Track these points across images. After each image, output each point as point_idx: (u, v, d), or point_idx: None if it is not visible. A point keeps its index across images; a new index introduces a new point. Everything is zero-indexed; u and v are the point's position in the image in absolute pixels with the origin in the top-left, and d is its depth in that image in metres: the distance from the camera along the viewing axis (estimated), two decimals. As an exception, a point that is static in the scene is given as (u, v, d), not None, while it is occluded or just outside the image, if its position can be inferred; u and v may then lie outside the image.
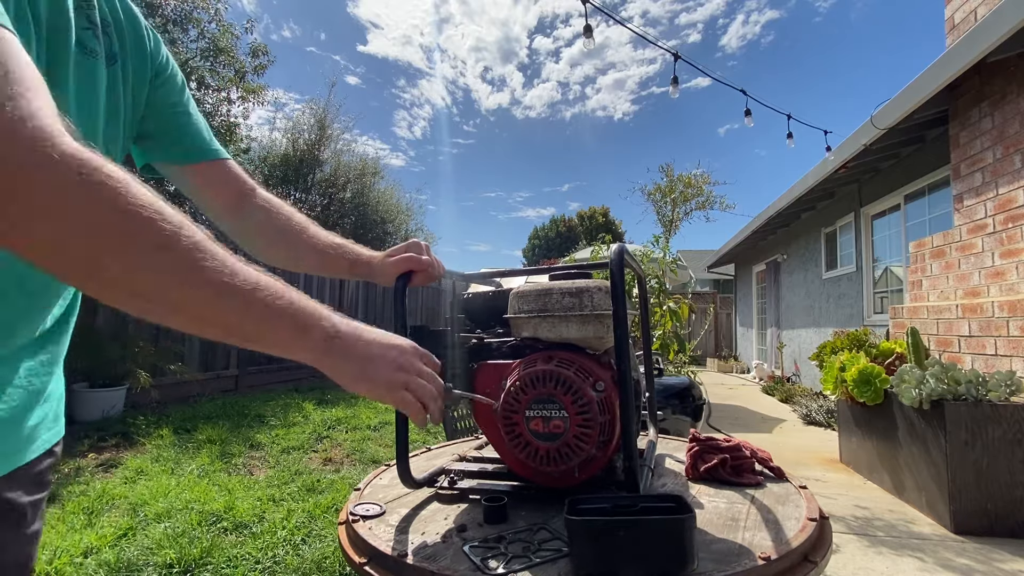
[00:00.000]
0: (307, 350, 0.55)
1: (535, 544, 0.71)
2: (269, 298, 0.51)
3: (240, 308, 0.48)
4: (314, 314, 0.56)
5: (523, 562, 0.67)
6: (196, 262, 0.45)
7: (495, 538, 0.74)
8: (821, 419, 5.08)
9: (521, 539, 0.73)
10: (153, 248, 0.42)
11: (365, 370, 0.60)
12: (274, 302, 0.51)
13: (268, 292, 0.51)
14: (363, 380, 0.60)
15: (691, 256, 21.13)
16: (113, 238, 0.40)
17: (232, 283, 0.47)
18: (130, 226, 0.41)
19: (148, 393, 4.81)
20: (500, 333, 1.00)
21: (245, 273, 0.49)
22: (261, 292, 0.50)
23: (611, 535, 0.61)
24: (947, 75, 3.43)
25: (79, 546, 2.18)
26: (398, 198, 12.18)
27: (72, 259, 0.40)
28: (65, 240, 0.39)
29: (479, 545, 0.72)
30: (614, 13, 4.14)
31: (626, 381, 0.76)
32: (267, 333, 0.52)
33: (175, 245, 0.43)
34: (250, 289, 0.49)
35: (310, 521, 2.50)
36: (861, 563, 2.14)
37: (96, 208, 0.39)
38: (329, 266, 0.92)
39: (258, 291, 0.50)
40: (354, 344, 0.59)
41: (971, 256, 3.46)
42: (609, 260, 0.80)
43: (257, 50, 7.40)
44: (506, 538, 0.74)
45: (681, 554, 0.61)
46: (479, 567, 0.65)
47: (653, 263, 5.18)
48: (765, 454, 1.07)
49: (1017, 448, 2.40)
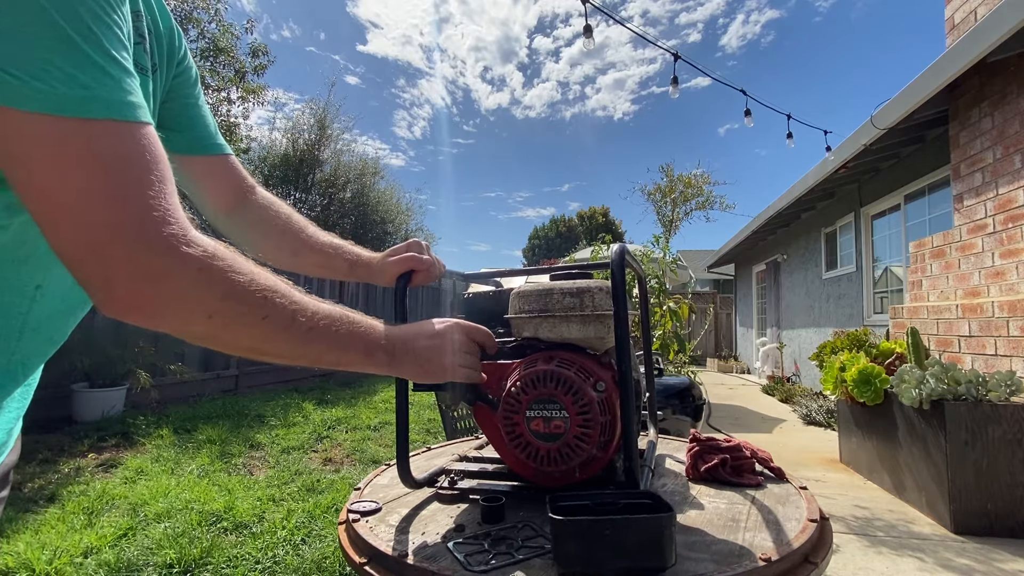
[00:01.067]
0: (375, 366, 0.64)
1: (519, 541, 0.72)
2: (342, 330, 0.59)
3: (323, 348, 0.57)
4: (375, 333, 0.64)
5: (505, 559, 0.68)
6: (291, 320, 0.53)
7: (480, 535, 0.74)
8: (821, 419, 5.08)
9: (505, 536, 0.74)
10: (258, 320, 0.50)
11: (423, 367, 0.71)
12: (348, 333, 0.60)
13: (340, 324, 0.59)
14: (425, 375, 0.72)
15: (691, 256, 21.13)
16: (226, 319, 0.47)
17: (317, 326, 0.56)
18: (240, 307, 0.48)
19: (148, 393, 4.81)
20: (500, 333, 1.00)
21: (322, 314, 0.57)
22: (335, 326, 0.58)
23: (593, 534, 0.61)
24: (947, 75, 3.43)
25: (79, 546, 2.18)
26: (398, 198, 12.16)
27: (195, 335, 0.48)
28: (189, 323, 0.46)
29: (463, 542, 0.72)
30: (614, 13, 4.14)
31: (627, 381, 0.75)
32: (344, 360, 0.61)
33: (273, 310, 0.51)
34: (326, 331, 0.57)
35: (310, 521, 2.50)
36: (861, 563, 2.14)
37: (211, 298, 0.46)
38: (328, 266, 0.92)
39: (333, 326, 0.58)
40: (409, 351, 0.69)
41: (971, 256, 3.46)
42: (610, 260, 0.80)
43: (257, 50, 7.40)
44: (491, 535, 0.74)
45: (661, 551, 0.62)
46: (462, 563, 0.66)
47: (653, 263, 5.18)
48: (765, 454, 1.07)
49: (1017, 448, 2.40)
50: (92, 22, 0.41)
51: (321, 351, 0.57)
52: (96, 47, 0.41)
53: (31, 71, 0.38)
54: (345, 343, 0.60)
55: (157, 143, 0.44)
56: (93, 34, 0.41)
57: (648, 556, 0.62)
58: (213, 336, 0.48)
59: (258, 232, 0.88)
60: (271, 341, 0.52)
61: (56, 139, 0.39)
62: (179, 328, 0.46)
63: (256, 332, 0.50)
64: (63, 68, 0.39)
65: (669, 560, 0.62)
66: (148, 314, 0.44)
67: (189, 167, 0.80)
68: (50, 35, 0.38)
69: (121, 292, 0.42)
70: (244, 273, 0.48)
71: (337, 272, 0.92)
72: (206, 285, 0.45)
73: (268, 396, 5.99)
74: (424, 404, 5.42)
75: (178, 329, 0.46)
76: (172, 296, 0.43)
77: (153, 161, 0.43)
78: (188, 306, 0.45)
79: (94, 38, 0.41)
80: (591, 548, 0.61)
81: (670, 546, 0.62)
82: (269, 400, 5.69)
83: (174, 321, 0.46)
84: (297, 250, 0.90)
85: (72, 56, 0.39)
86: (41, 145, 0.39)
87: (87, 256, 0.41)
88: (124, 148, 0.41)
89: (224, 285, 0.46)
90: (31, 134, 0.38)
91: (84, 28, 0.40)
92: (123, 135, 0.42)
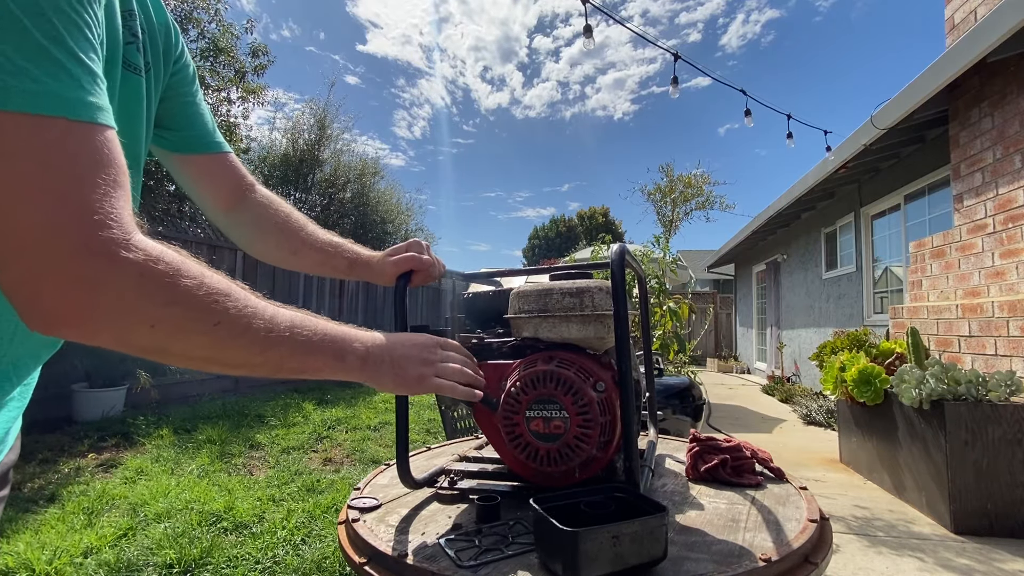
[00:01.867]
0: (345, 372, 0.61)
1: (509, 538, 0.73)
2: (306, 335, 0.56)
3: (285, 353, 0.53)
4: (346, 339, 0.61)
5: (495, 554, 0.68)
6: (246, 326, 0.49)
7: (472, 533, 0.75)
8: (821, 419, 5.08)
9: (496, 533, 0.75)
10: (209, 327, 0.46)
11: (397, 375, 0.67)
12: (311, 338, 0.56)
13: (304, 330, 0.56)
14: (398, 384, 0.67)
15: (691, 256, 21.12)
16: (172, 328, 0.44)
17: (276, 334, 0.52)
18: (187, 314, 0.44)
19: (148, 393, 4.81)
20: (500, 333, 1.00)
21: (281, 318, 0.53)
22: (298, 332, 0.55)
23: (597, 542, 0.60)
24: (947, 75, 3.43)
25: (79, 546, 2.18)
26: (398, 198, 12.14)
27: (140, 348, 0.44)
28: (128, 334, 0.42)
29: (455, 539, 0.73)
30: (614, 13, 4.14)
31: (627, 381, 0.75)
32: (309, 366, 0.57)
33: (225, 316, 0.47)
34: (289, 335, 0.54)
35: (310, 521, 2.50)
36: (861, 563, 2.14)
37: (152, 305, 0.42)
38: (328, 265, 0.92)
39: (295, 332, 0.54)
40: (383, 357, 0.66)
41: (971, 256, 3.46)
42: (610, 260, 0.80)
43: (257, 50, 7.40)
44: (482, 531, 0.75)
45: (649, 551, 0.63)
46: (453, 560, 0.67)
47: (653, 263, 5.18)
48: (765, 454, 1.07)
49: (1017, 448, 2.40)
50: (55, 17, 0.38)
51: (283, 357, 0.53)
52: (56, 43, 0.38)
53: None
54: (310, 348, 0.56)
55: (115, 148, 0.42)
56: (55, 29, 0.38)
57: (638, 555, 0.62)
58: (161, 348, 0.44)
59: (258, 230, 0.88)
60: (227, 349, 0.48)
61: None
62: (120, 340, 0.42)
63: (208, 340, 0.46)
64: (13, 60, 0.36)
65: (662, 558, 0.64)
66: (81, 326, 0.39)
67: (188, 165, 0.80)
68: (6, 27, 0.36)
69: (49, 301, 0.38)
70: (192, 277, 0.44)
71: (337, 270, 0.92)
72: (146, 291, 0.41)
73: (268, 396, 5.99)
74: (424, 404, 5.42)
75: (119, 341, 0.42)
76: (107, 305, 0.39)
77: (104, 164, 0.40)
78: (126, 315, 0.41)
79: (55, 34, 0.38)
80: (602, 554, 0.60)
81: (663, 545, 0.63)
82: (269, 400, 5.69)
83: (112, 333, 0.41)
84: (297, 248, 0.90)
85: (26, 49, 0.37)
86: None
87: (12, 259, 0.37)
88: (72, 148, 0.38)
89: (168, 291, 0.42)
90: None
91: (44, 22, 0.38)
92: (74, 134, 0.39)
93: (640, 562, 0.62)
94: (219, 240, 6.39)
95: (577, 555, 0.58)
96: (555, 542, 0.61)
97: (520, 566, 0.66)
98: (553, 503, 0.68)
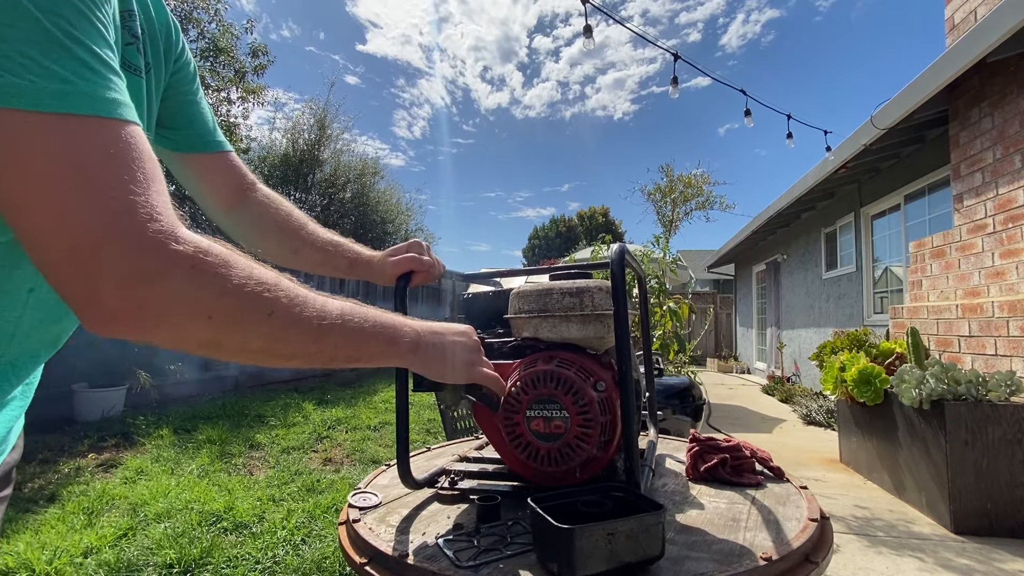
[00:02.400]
0: (398, 357, 0.62)
1: (508, 538, 0.73)
2: (357, 322, 0.56)
3: (340, 340, 0.53)
4: (396, 325, 0.62)
5: (494, 554, 0.68)
6: (298, 315, 0.49)
7: (471, 533, 0.75)
8: (821, 419, 5.08)
9: (495, 533, 0.75)
10: (264, 316, 0.46)
11: (447, 362, 0.68)
12: (362, 325, 0.57)
13: (355, 317, 0.56)
14: (448, 371, 0.69)
15: (691, 256, 21.13)
16: (229, 319, 0.43)
17: (329, 322, 0.52)
18: (241, 303, 0.44)
19: (148, 393, 4.81)
20: (500, 333, 1.00)
21: (332, 306, 0.53)
22: (349, 319, 0.55)
23: (592, 539, 0.60)
24: (947, 75, 3.43)
25: (79, 546, 2.18)
26: (398, 198, 12.15)
27: (200, 342, 0.44)
28: (188, 328, 0.42)
29: (454, 539, 0.73)
30: (614, 12, 4.14)
31: (627, 381, 0.75)
32: (363, 353, 0.58)
33: (278, 305, 0.47)
34: (341, 323, 0.53)
35: (310, 521, 2.50)
36: (861, 563, 2.14)
37: (209, 296, 0.42)
38: (328, 264, 0.92)
39: (347, 320, 0.55)
40: (433, 344, 0.67)
41: (971, 256, 3.46)
42: (610, 260, 0.80)
43: (257, 50, 7.40)
44: (481, 532, 0.75)
45: (645, 549, 0.63)
46: (451, 560, 0.67)
47: (653, 263, 5.18)
48: (765, 454, 1.07)
49: (1017, 448, 2.40)
50: (74, 18, 0.39)
51: (337, 344, 0.53)
52: (78, 43, 0.39)
53: (5, 65, 0.35)
54: (363, 335, 0.56)
55: (144, 142, 0.42)
56: (75, 30, 0.39)
57: (633, 552, 0.62)
58: (218, 342, 0.44)
59: (259, 229, 0.88)
60: (282, 340, 0.48)
61: (31, 135, 0.36)
62: (179, 334, 0.42)
63: (264, 330, 0.46)
64: (40, 62, 0.36)
65: (659, 556, 0.64)
66: (140, 323, 0.39)
67: (189, 165, 0.80)
68: (28, 29, 0.37)
69: (109, 299, 0.37)
70: (241, 268, 0.44)
71: (338, 270, 0.92)
72: (200, 283, 0.41)
73: (268, 396, 5.99)
74: (424, 404, 5.42)
75: (179, 336, 0.42)
76: (164, 299, 0.39)
77: (139, 159, 0.40)
78: (184, 309, 0.41)
79: (76, 34, 0.39)
80: (597, 551, 0.61)
81: (661, 543, 0.64)
82: (269, 400, 5.69)
83: (172, 326, 0.41)
84: (298, 248, 0.90)
85: (51, 50, 0.37)
86: (14, 142, 0.36)
87: (67, 262, 0.37)
88: (107, 145, 0.39)
89: (221, 282, 0.42)
90: (2, 131, 0.36)
91: (65, 23, 0.38)
92: (106, 132, 0.39)
93: (636, 560, 0.62)
94: (219, 240, 6.38)
95: (573, 552, 0.58)
96: (551, 540, 0.61)
97: (519, 566, 0.66)
98: (551, 502, 0.68)
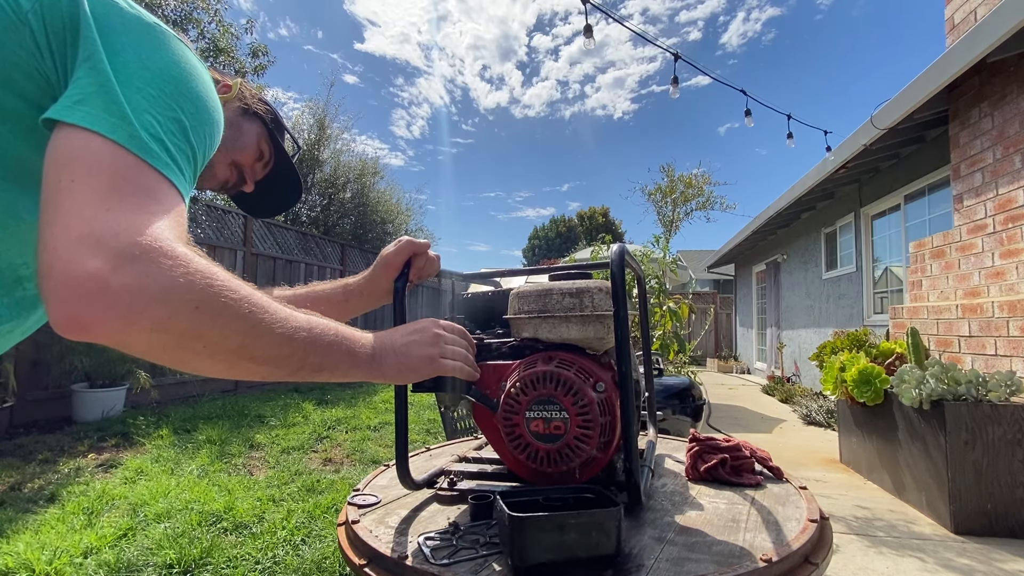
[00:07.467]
0: (358, 368, 0.63)
1: (485, 537, 0.74)
2: (321, 331, 0.58)
3: (308, 347, 0.56)
4: (354, 338, 0.63)
5: (469, 553, 0.69)
6: (272, 317, 0.52)
7: (449, 532, 0.76)
8: (821, 419, 5.08)
9: (474, 532, 0.76)
10: (242, 315, 0.48)
11: (403, 363, 0.69)
12: (326, 334, 0.59)
13: (318, 327, 0.58)
14: (406, 371, 0.69)
15: (691, 256, 21.13)
16: (211, 310, 0.46)
17: (296, 326, 0.54)
18: (222, 299, 0.47)
19: (148, 393, 4.81)
20: (500, 334, 1.00)
21: (299, 315, 0.56)
22: (314, 328, 0.57)
23: (541, 529, 0.63)
24: (947, 75, 3.43)
25: (79, 546, 2.18)
26: (398, 198, 12.15)
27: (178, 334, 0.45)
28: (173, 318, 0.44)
29: (433, 537, 0.74)
30: (614, 11, 4.14)
31: (627, 382, 0.75)
32: (327, 363, 0.59)
33: (254, 304, 0.50)
34: (308, 332, 0.56)
35: (310, 521, 2.50)
36: (862, 563, 2.14)
37: (191, 292, 0.44)
38: (330, 304, 0.91)
39: (313, 329, 0.57)
40: (388, 349, 0.68)
41: (971, 256, 3.46)
42: (610, 260, 0.80)
43: (257, 50, 7.41)
44: (460, 531, 0.76)
45: (598, 545, 0.65)
46: (426, 556, 0.68)
47: (653, 263, 5.18)
48: (765, 454, 1.07)
49: (1017, 448, 2.40)
50: (195, 139, 0.53)
51: (306, 351, 0.55)
52: (192, 147, 0.53)
53: (152, 132, 0.48)
54: (327, 344, 0.58)
55: (182, 209, 0.50)
56: (193, 141, 0.53)
57: (596, 548, 0.64)
58: (200, 334, 0.45)
59: None
60: (259, 337, 0.50)
61: (95, 152, 0.44)
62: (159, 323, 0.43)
63: (243, 327, 0.48)
64: (180, 144, 0.51)
65: (617, 553, 0.65)
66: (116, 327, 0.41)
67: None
68: (177, 128, 0.51)
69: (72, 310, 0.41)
70: (219, 275, 0.47)
71: (338, 306, 0.91)
72: (186, 283, 0.44)
73: (268, 396, 5.99)
74: (424, 404, 5.42)
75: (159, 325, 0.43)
76: (152, 292, 0.42)
77: (165, 211, 0.46)
78: (172, 297, 0.43)
79: (193, 144, 0.53)
80: (537, 542, 0.64)
81: (618, 539, 0.65)
82: (269, 400, 5.69)
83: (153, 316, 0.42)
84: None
85: (182, 144, 0.51)
86: (81, 152, 0.44)
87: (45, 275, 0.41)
88: (148, 187, 0.46)
89: (195, 291, 0.45)
90: (81, 146, 0.45)
91: (194, 138, 0.53)
92: (161, 183, 0.47)
93: (588, 555, 0.64)
94: (219, 240, 6.39)
95: (523, 539, 0.62)
96: (505, 529, 0.64)
97: (495, 561, 0.68)
98: (518, 498, 0.72)
